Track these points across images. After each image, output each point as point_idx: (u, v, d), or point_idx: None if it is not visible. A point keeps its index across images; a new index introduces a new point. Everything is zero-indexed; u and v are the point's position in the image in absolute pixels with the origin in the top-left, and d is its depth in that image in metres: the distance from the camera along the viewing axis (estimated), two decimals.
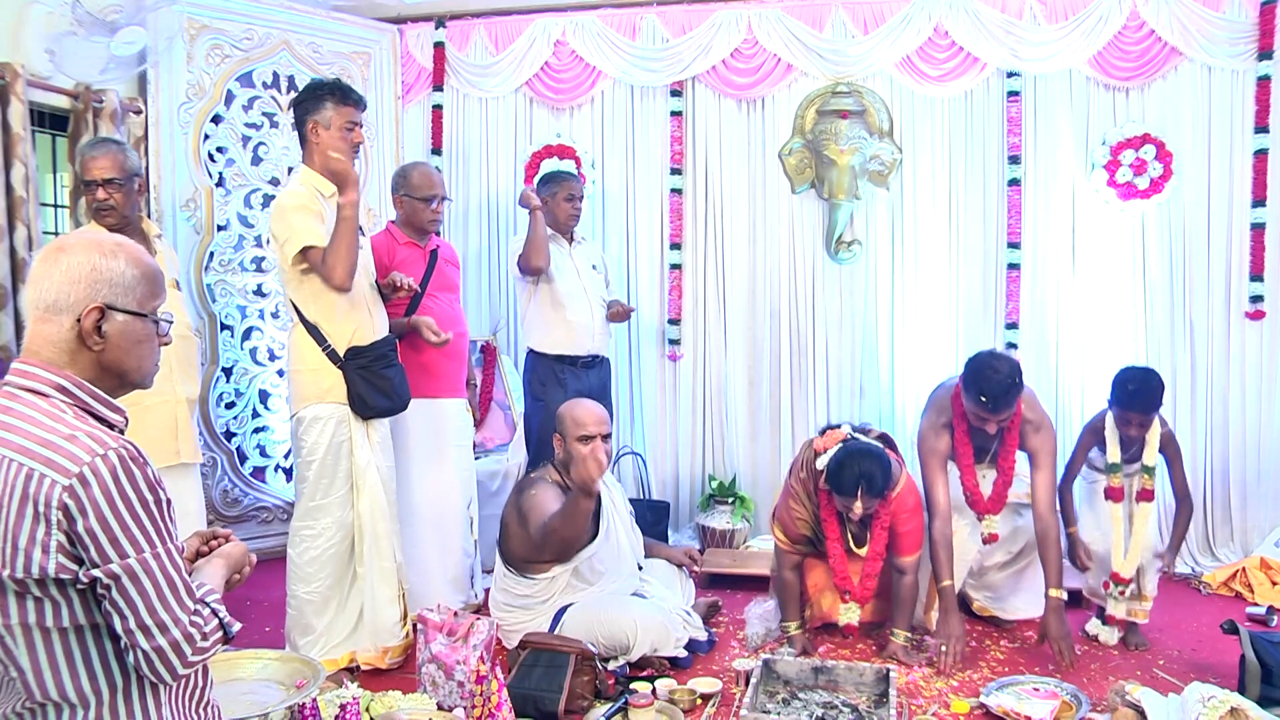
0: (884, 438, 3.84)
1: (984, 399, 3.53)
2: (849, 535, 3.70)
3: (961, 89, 4.99)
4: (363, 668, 3.55)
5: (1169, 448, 3.81)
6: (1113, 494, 3.77)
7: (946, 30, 4.90)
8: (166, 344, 1.79)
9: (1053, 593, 3.60)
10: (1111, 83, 4.83)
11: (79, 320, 1.64)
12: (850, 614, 3.70)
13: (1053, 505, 3.70)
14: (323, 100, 3.48)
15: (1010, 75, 4.91)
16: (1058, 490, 3.79)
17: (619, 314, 4.70)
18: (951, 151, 5.04)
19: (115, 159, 3.46)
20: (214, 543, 1.91)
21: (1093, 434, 3.90)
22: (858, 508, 3.46)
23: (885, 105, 5.06)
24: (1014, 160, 4.93)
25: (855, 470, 3.45)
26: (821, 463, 3.58)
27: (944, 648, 3.55)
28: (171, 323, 1.80)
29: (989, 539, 3.82)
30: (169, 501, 1.62)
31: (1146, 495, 3.74)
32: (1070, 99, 4.89)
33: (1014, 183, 4.93)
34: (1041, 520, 3.67)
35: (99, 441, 1.55)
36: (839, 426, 3.73)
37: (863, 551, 3.68)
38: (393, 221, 4.15)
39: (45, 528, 1.51)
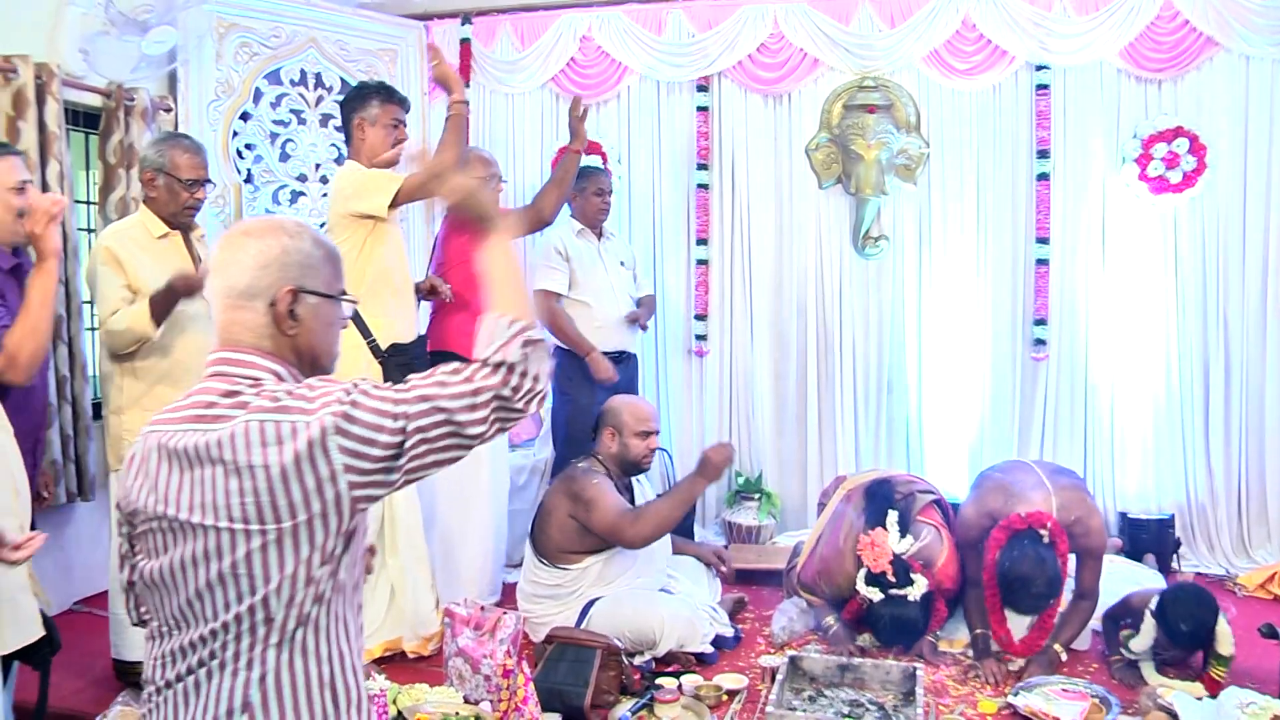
0: (928, 504, 3.79)
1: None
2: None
3: (989, 82, 4.93)
4: (409, 655, 3.61)
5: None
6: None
7: (974, 23, 4.85)
8: (344, 328, 1.78)
9: (1056, 647, 3.48)
10: (1143, 75, 4.76)
11: (273, 304, 1.63)
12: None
13: (1096, 588, 3.56)
14: (369, 99, 3.68)
15: (1039, 68, 4.85)
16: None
17: (639, 317, 4.70)
18: (979, 146, 4.99)
19: (204, 158, 3.48)
20: None
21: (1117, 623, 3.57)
22: (895, 671, 3.37)
23: (912, 99, 5.02)
24: (1042, 155, 4.88)
25: (892, 629, 3.53)
26: (861, 589, 3.57)
27: (980, 674, 3.44)
28: (356, 304, 1.80)
29: (1011, 679, 3.44)
30: None
31: (1213, 687, 3.20)
32: (1100, 92, 4.83)
33: (1042, 177, 4.88)
34: (1082, 597, 3.55)
35: (339, 385, 1.55)
36: (885, 514, 3.64)
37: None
38: (447, 219, 4.19)
39: (326, 460, 1.48)
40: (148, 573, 1.61)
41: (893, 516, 3.64)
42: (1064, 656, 3.50)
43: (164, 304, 3.15)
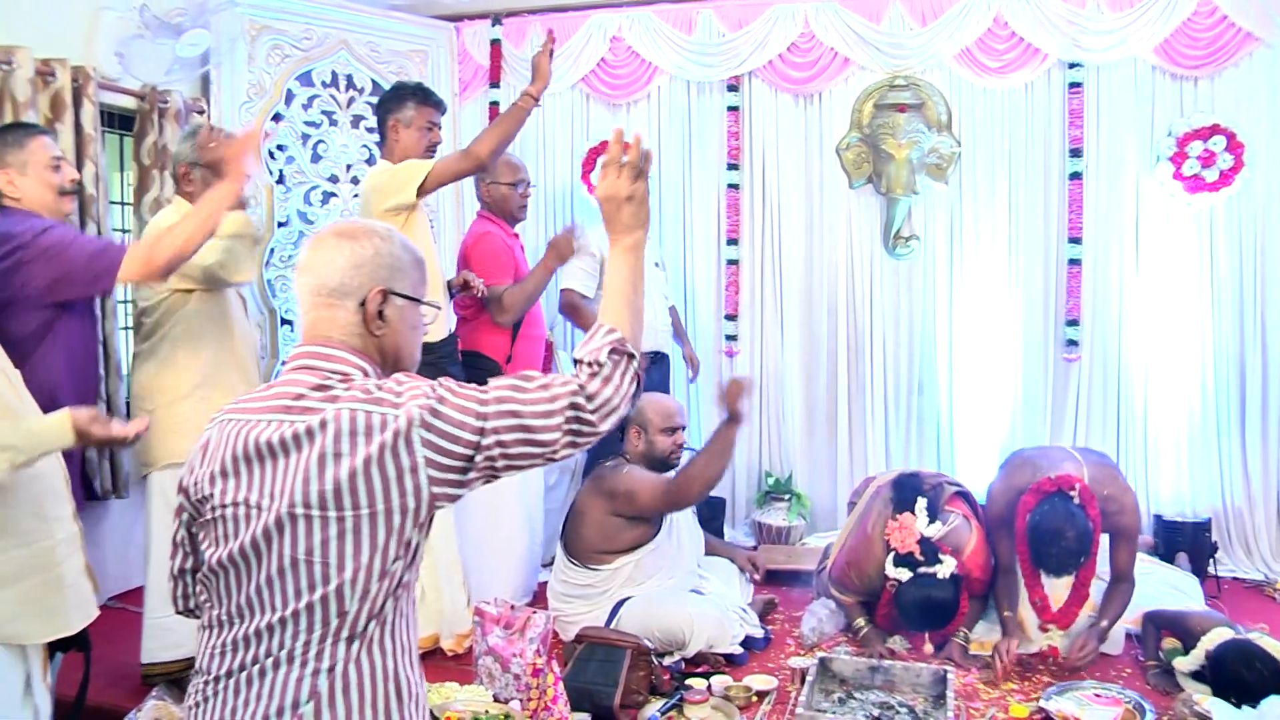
0: (962, 493, 3.79)
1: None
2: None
3: (1021, 81, 4.89)
4: (447, 654, 3.64)
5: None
6: None
7: (1006, 20, 4.80)
8: (425, 334, 1.83)
9: (1104, 622, 3.47)
10: (1179, 71, 4.70)
11: (363, 304, 1.67)
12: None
13: (1131, 570, 3.55)
14: (405, 100, 3.71)
15: (1072, 66, 4.80)
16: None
17: (694, 363, 4.99)
18: (1011, 144, 4.94)
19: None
20: None
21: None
22: (927, 648, 3.47)
23: (944, 98, 4.99)
24: (1075, 153, 4.83)
25: (920, 610, 3.50)
26: (890, 572, 3.56)
27: (997, 657, 3.43)
28: (439, 310, 1.85)
29: (1049, 652, 3.54)
30: None
31: None
32: (1135, 89, 4.77)
33: (1075, 176, 4.83)
34: (1119, 580, 3.54)
35: (423, 383, 1.59)
36: (914, 501, 3.64)
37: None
38: (484, 213, 4.19)
39: (408, 450, 1.52)
40: (214, 560, 1.63)
41: (921, 503, 3.63)
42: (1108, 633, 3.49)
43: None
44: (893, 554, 3.57)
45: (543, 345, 4.24)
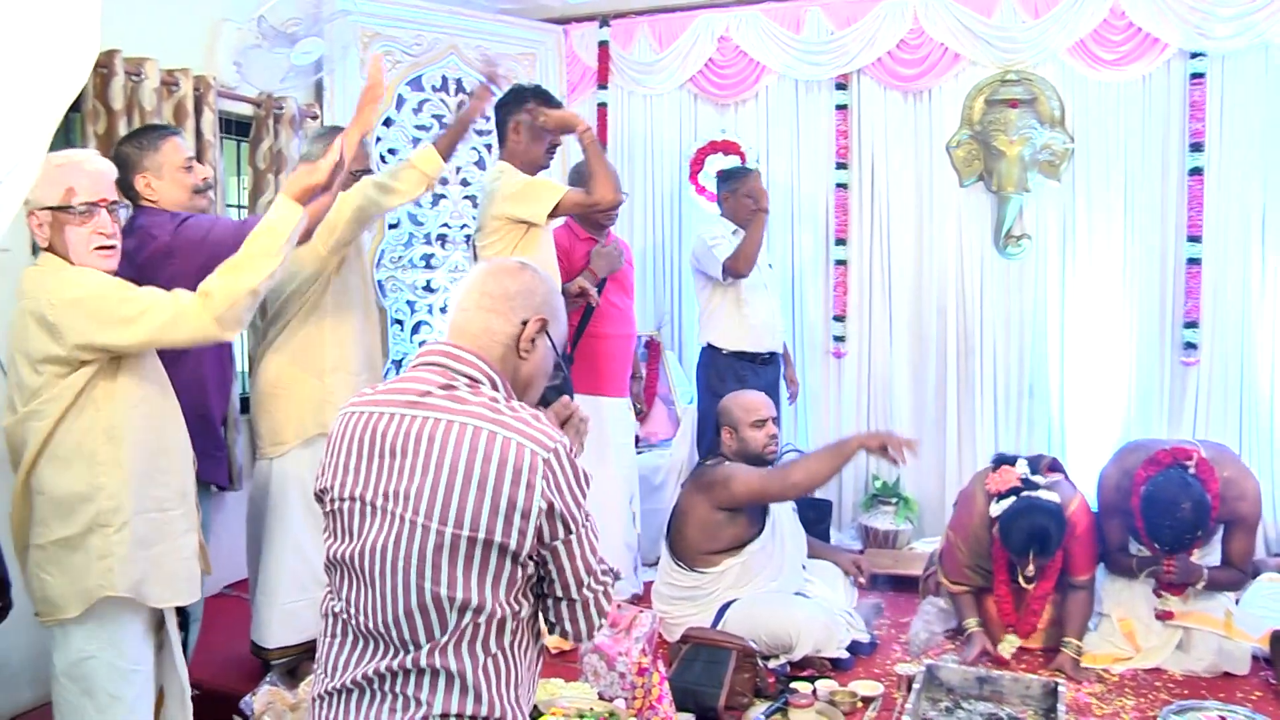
0: (1055, 465, 3.73)
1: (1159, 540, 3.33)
2: (1020, 578, 3.59)
3: (1139, 73, 4.73)
4: (552, 651, 3.66)
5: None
6: None
7: (1123, 10, 4.65)
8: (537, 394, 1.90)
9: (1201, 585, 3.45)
10: None
11: (524, 324, 1.74)
12: (1007, 646, 3.60)
13: (1246, 561, 3.48)
14: (526, 102, 3.75)
15: (1194, 56, 4.62)
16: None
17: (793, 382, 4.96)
18: (1127, 140, 4.80)
19: (368, 149, 3.57)
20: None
21: None
22: (1030, 568, 3.42)
23: (1056, 92, 4.86)
24: (1196, 148, 4.65)
25: (1027, 530, 3.40)
26: (994, 511, 3.51)
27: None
28: (564, 368, 1.96)
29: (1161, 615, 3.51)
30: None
31: None
32: (1264, 79, 4.57)
33: (1195, 172, 4.65)
34: (1231, 564, 3.49)
35: (553, 432, 1.64)
36: (1013, 462, 3.62)
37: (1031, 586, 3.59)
38: (571, 216, 4.24)
39: (527, 492, 1.57)
40: (330, 553, 1.69)
41: (1021, 461, 3.64)
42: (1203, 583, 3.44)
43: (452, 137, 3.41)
44: (994, 498, 3.55)
45: (621, 346, 4.23)
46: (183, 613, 2.79)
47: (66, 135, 3.63)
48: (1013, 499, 3.50)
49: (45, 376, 2.30)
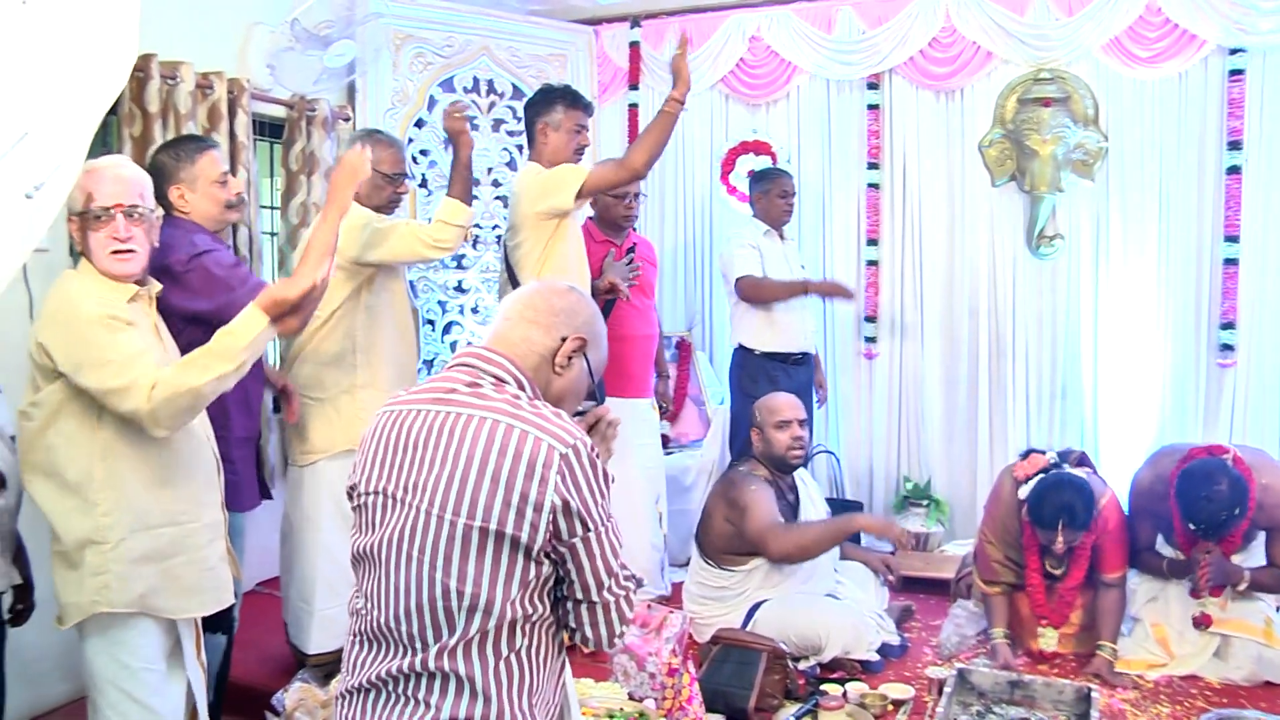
0: (1083, 459, 3.71)
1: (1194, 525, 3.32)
2: (1048, 563, 3.60)
3: (1175, 70, 4.67)
4: (582, 650, 3.64)
5: None
6: None
7: (1159, 7, 4.58)
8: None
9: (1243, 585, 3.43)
10: None
11: (564, 339, 1.76)
12: (1048, 640, 3.59)
13: None
14: (554, 103, 3.73)
15: (1233, 52, 4.55)
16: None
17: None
18: (1163, 138, 4.74)
19: (404, 154, 3.58)
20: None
21: None
22: (1060, 543, 3.39)
23: (1090, 91, 4.81)
24: (1234, 146, 4.58)
25: (1057, 502, 3.38)
26: (1023, 493, 3.50)
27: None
28: (593, 405, 1.97)
29: (1202, 619, 3.48)
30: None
31: None
32: None
33: (1233, 170, 4.59)
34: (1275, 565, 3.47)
35: (574, 430, 1.64)
36: (1042, 452, 3.61)
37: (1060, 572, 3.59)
38: (590, 218, 4.23)
39: (540, 486, 1.57)
40: (356, 548, 1.72)
41: (1051, 453, 3.63)
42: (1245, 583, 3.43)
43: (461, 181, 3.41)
44: (1022, 482, 3.55)
45: (643, 347, 4.21)
46: (222, 616, 2.80)
47: (104, 138, 3.67)
48: (1041, 476, 3.51)
49: (36, 377, 2.32)
